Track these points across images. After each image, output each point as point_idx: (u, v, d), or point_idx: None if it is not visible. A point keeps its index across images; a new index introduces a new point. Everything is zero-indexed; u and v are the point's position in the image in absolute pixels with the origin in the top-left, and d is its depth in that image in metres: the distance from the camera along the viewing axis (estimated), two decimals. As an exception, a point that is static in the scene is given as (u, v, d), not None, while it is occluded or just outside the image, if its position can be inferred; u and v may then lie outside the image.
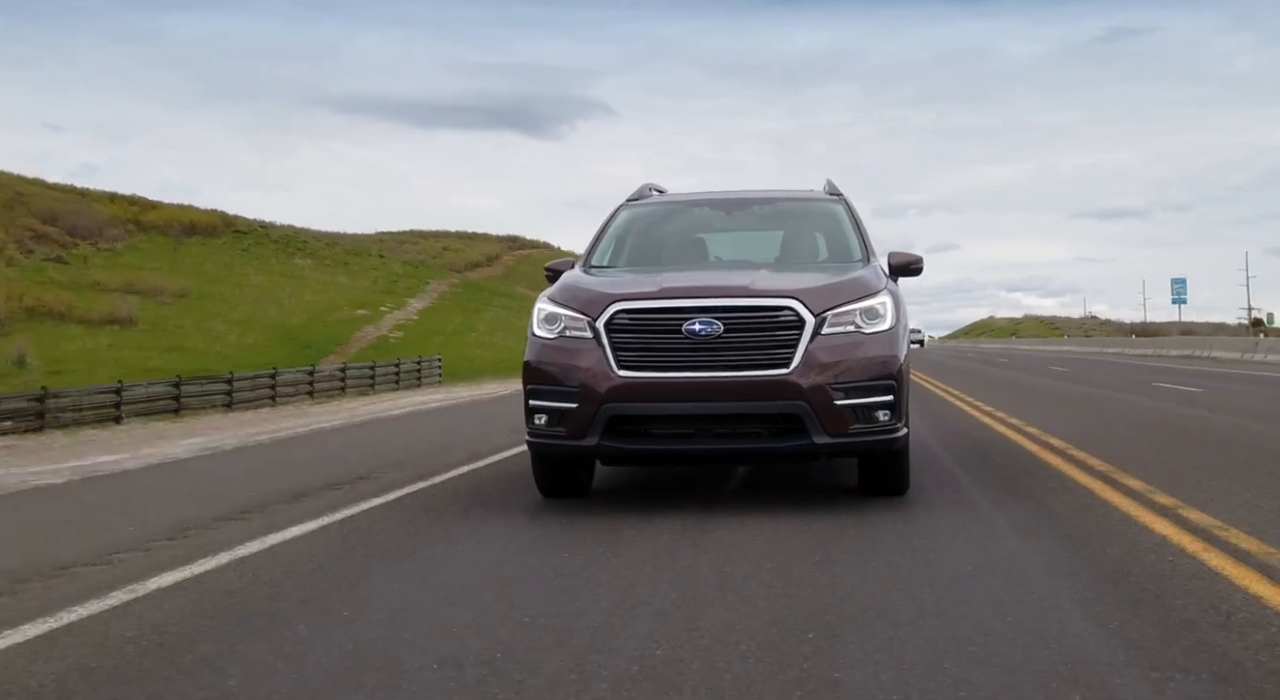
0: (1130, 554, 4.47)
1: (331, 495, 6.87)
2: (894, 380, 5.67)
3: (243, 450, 11.89)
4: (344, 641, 3.47)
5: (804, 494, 6.39)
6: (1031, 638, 3.31)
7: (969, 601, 3.74)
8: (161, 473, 9.64)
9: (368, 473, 7.94)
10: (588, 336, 5.72)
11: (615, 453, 5.76)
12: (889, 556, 4.52)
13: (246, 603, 4.06)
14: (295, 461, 9.84)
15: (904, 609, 3.66)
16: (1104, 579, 4.03)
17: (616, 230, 7.18)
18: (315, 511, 6.20)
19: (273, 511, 6.28)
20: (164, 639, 3.60)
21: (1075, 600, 3.74)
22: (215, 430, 16.74)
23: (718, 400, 5.54)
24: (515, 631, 3.53)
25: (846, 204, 7.24)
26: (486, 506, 6.22)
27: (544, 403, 5.79)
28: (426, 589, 4.19)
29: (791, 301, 5.62)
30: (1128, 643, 3.24)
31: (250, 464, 10.05)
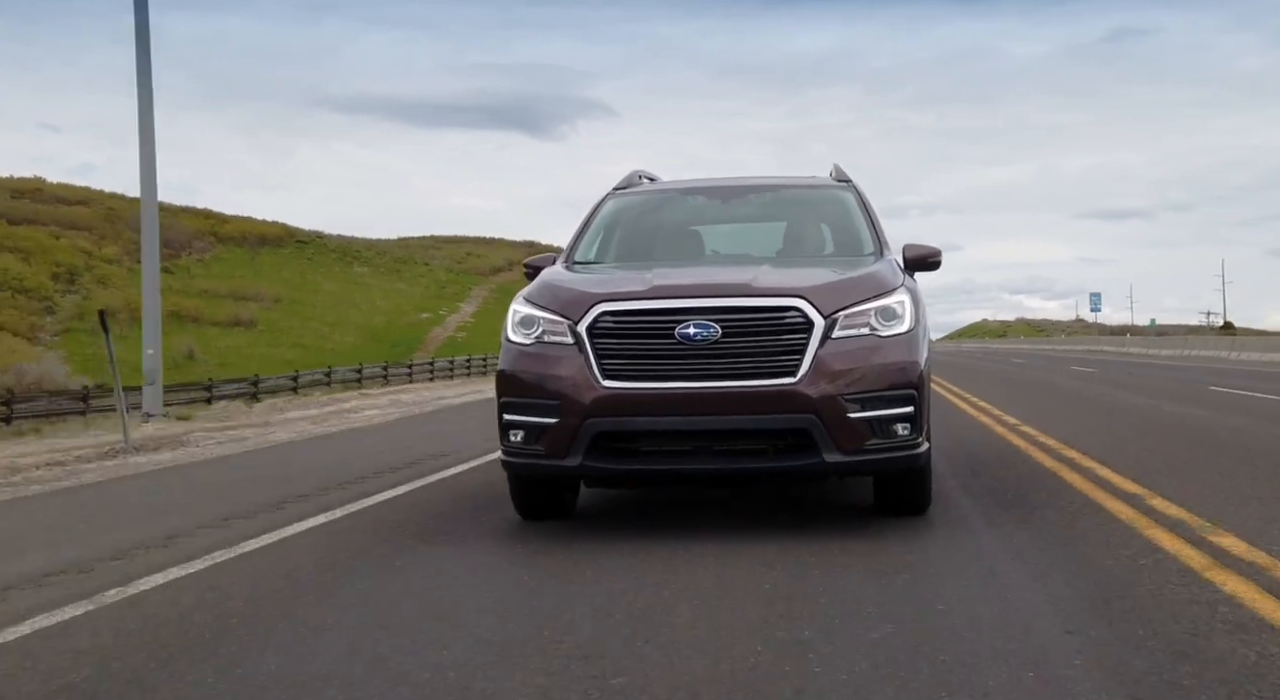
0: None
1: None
2: (914, 389, 5.03)
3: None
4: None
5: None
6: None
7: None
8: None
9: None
10: (568, 342, 5.07)
11: (601, 474, 5.12)
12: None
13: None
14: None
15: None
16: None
17: (602, 222, 6.52)
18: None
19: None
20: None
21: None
22: (402, 395, 24.72)
23: (716, 414, 4.90)
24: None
25: (856, 191, 6.57)
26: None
27: (520, 417, 5.14)
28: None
29: (798, 301, 4.98)
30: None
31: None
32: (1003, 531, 5.12)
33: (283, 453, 10.86)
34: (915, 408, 5.02)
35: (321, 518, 6.06)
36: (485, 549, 5.09)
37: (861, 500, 5.92)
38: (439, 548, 5.13)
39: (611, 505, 6.20)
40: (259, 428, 14.83)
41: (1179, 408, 12.99)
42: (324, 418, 16.84)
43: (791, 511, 5.86)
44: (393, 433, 13.06)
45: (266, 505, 6.57)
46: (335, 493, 7.01)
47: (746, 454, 5.01)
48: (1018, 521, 5.37)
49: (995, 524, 5.32)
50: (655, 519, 5.79)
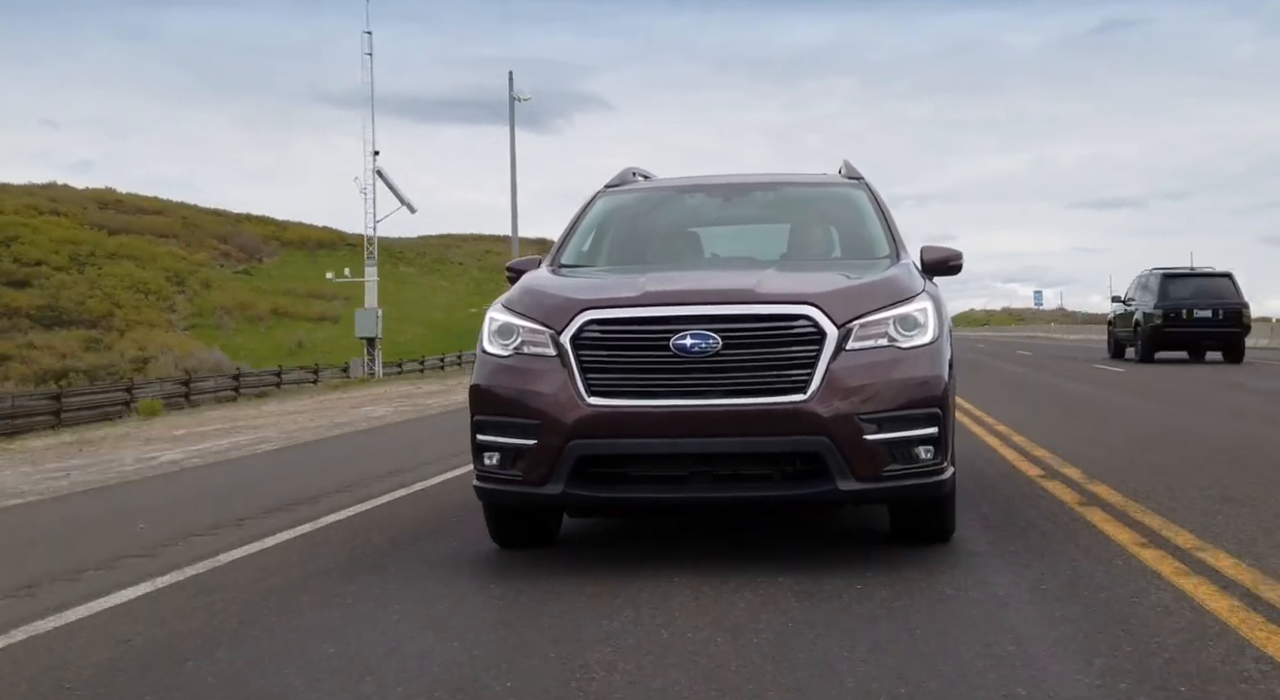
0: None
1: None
2: (938, 408, 4.49)
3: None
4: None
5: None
6: None
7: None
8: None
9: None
10: (550, 354, 4.52)
11: (585, 503, 4.57)
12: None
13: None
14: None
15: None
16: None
17: (592, 222, 5.96)
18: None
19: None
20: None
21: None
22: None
23: (716, 435, 4.35)
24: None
25: (869, 189, 6.02)
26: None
27: (495, 438, 4.59)
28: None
29: (808, 308, 4.43)
30: None
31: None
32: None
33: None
34: (940, 429, 4.47)
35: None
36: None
37: (877, 524, 5.36)
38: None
39: (598, 528, 5.65)
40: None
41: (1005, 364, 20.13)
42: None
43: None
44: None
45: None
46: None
47: (750, 480, 4.47)
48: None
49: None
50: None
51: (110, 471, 9.76)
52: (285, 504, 6.86)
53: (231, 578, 4.83)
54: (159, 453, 11.45)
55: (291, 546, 5.51)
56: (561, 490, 4.43)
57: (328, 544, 5.53)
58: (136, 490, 8.45)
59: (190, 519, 6.52)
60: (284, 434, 13.22)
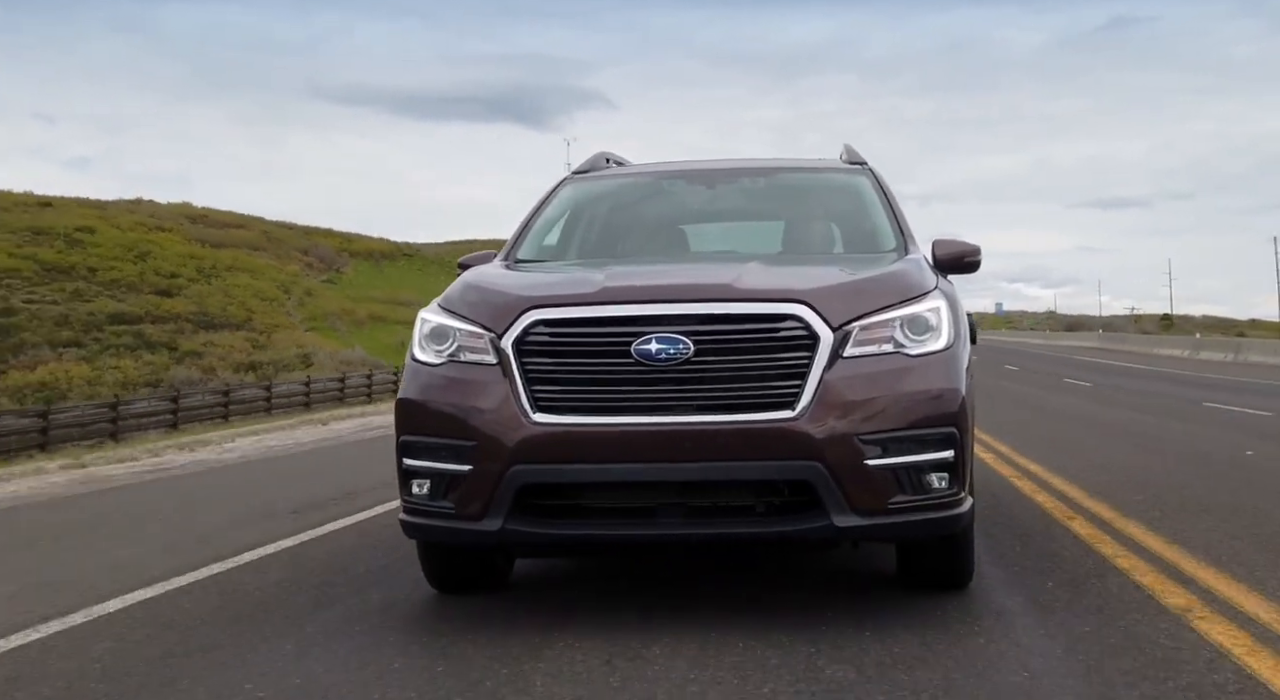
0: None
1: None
2: (954, 427, 3.74)
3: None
4: None
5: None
6: None
7: None
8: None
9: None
10: (490, 362, 3.79)
11: (530, 541, 3.81)
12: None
13: None
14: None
15: None
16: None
17: (556, 213, 5.22)
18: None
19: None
20: None
21: None
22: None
23: (687, 459, 3.61)
24: None
25: (873, 175, 5.26)
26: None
27: (424, 462, 3.85)
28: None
29: (798, 307, 3.69)
30: None
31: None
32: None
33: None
34: (956, 452, 3.72)
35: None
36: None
37: (882, 567, 4.60)
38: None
39: (562, 567, 4.89)
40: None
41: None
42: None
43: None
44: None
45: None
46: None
47: (728, 513, 3.72)
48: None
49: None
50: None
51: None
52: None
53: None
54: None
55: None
56: (501, 525, 3.68)
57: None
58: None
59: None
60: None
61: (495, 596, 4.33)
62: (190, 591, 4.69)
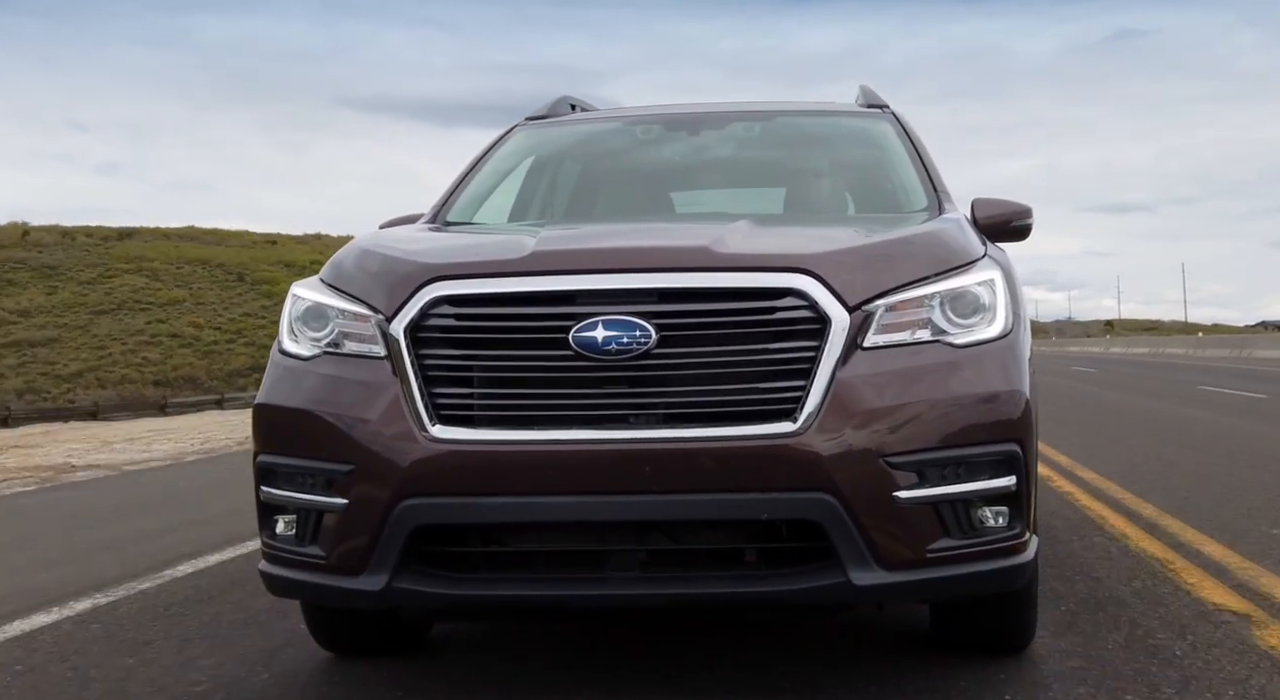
0: None
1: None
2: (1016, 443, 2.70)
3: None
4: None
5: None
6: None
7: None
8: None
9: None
10: (376, 354, 2.75)
11: (429, 604, 2.76)
12: None
13: None
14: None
15: None
16: None
17: (500, 165, 4.16)
18: None
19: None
20: None
21: None
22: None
23: (647, 491, 2.57)
24: None
25: (896, 120, 4.18)
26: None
27: (285, 492, 2.81)
28: None
29: (799, 279, 2.65)
30: None
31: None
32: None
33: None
34: (1019, 478, 2.69)
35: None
36: None
37: (912, 620, 3.56)
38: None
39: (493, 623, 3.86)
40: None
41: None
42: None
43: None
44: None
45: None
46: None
47: (704, 565, 2.69)
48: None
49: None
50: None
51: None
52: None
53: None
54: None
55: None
56: (386, 583, 2.65)
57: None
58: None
59: None
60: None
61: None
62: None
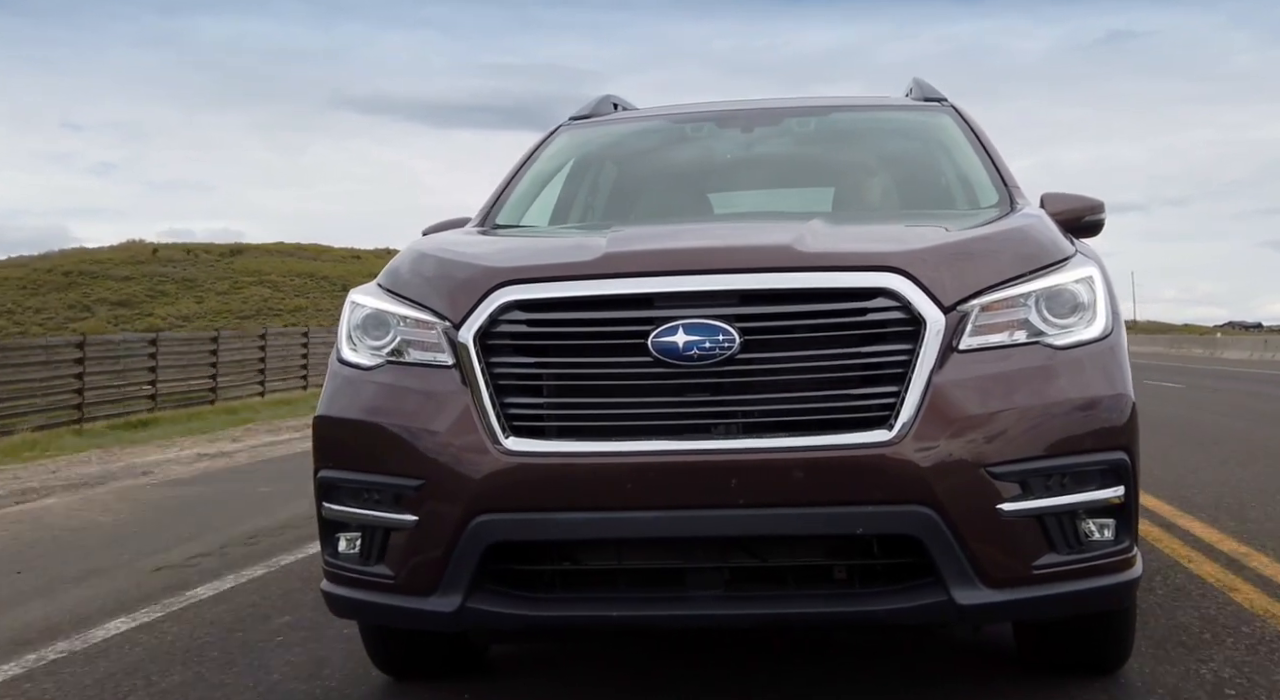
0: None
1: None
2: (1123, 451, 2.56)
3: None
4: None
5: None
6: None
7: None
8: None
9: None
10: (444, 363, 2.62)
11: (505, 626, 2.62)
12: None
13: None
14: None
15: None
16: None
17: (547, 167, 4.04)
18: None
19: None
20: None
21: None
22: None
23: (732, 504, 2.43)
24: None
25: (956, 113, 4.03)
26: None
27: (350, 509, 2.68)
28: None
29: (891, 278, 2.51)
30: None
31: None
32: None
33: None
34: (1126, 488, 2.54)
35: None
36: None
37: (995, 636, 3.40)
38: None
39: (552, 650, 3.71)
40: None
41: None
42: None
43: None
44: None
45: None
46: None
47: (792, 584, 2.55)
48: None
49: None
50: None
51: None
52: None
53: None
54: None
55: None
56: (460, 604, 2.51)
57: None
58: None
59: None
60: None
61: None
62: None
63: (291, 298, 48.89)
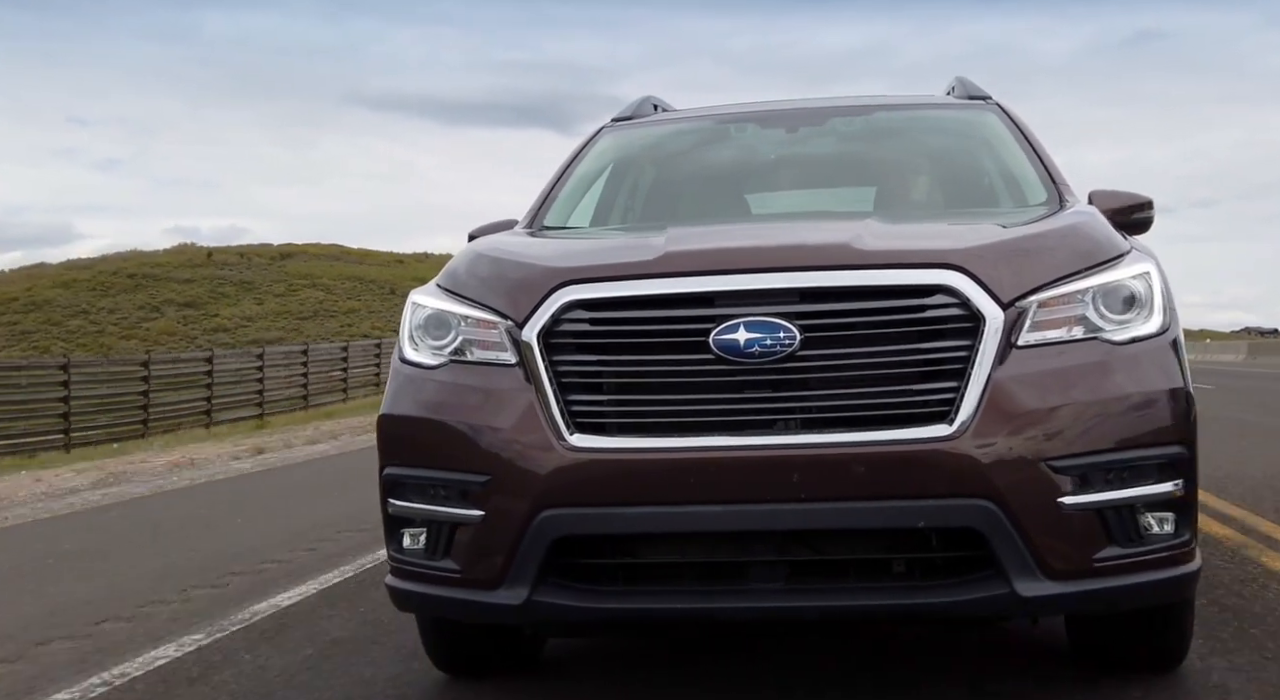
0: None
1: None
2: (1182, 445, 2.58)
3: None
4: None
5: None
6: None
7: None
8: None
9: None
10: (507, 362, 2.67)
11: (571, 618, 2.67)
12: None
13: None
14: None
15: None
16: None
17: (592, 168, 4.07)
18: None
19: None
20: None
21: None
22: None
23: (793, 499, 2.46)
24: None
25: (1002, 111, 4.04)
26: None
27: (416, 505, 2.73)
28: None
29: (950, 275, 2.54)
30: None
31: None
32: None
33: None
34: (1185, 482, 2.56)
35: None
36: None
37: (1045, 636, 3.41)
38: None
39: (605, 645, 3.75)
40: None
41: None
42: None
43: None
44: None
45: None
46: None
47: (853, 577, 2.58)
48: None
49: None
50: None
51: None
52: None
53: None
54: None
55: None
56: (526, 597, 2.55)
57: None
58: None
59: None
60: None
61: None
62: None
63: (344, 300, 51.00)
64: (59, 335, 42.89)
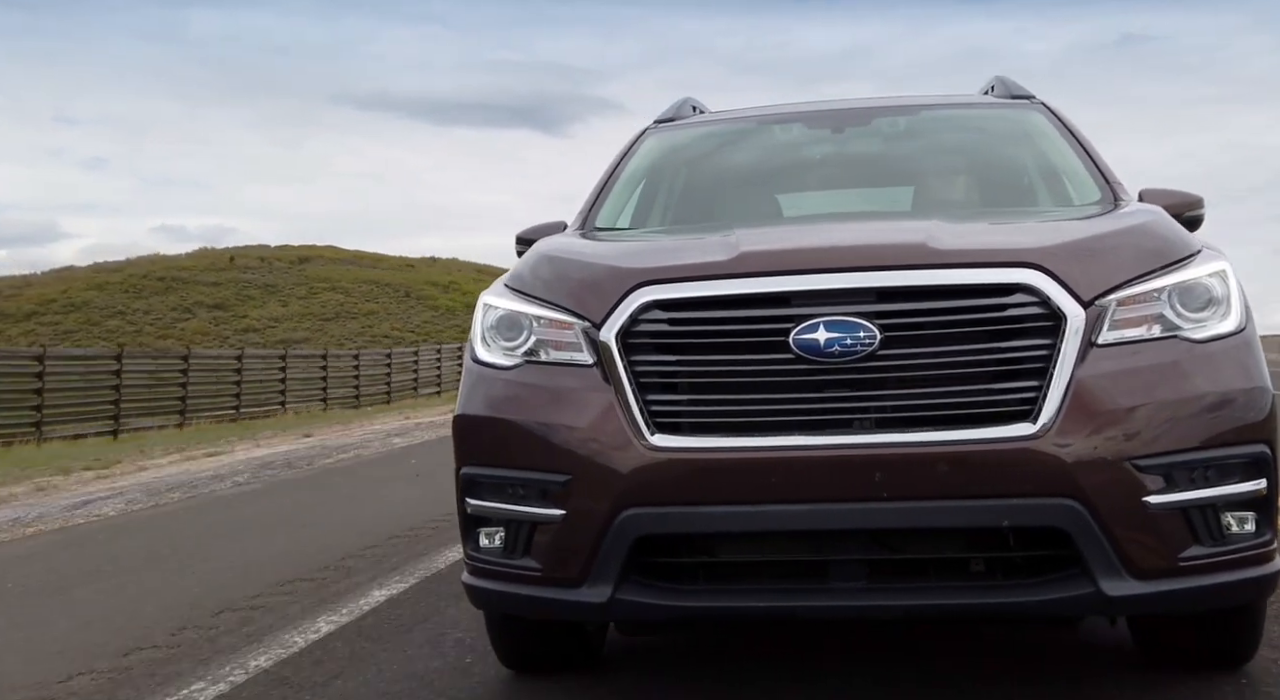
0: None
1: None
2: (1265, 444, 2.57)
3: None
4: None
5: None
6: None
7: None
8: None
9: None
10: (584, 362, 2.67)
11: (653, 616, 2.68)
12: None
13: None
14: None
15: None
16: None
17: (638, 170, 4.06)
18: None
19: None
20: None
21: None
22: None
23: (873, 498, 2.47)
24: None
25: (1048, 110, 4.04)
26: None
27: (494, 504, 2.73)
28: None
29: (1029, 274, 2.54)
30: None
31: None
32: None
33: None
34: (1269, 480, 2.56)
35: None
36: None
37: (1101, 631, 3.41)
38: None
39: (665, 642, 3.76)
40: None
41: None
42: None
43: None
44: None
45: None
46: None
47: (935, 576, 2.58)
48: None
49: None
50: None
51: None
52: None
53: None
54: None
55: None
56: (610, 596, 2.56)
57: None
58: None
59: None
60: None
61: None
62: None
63: (363, 303, 53.05)
64: (100, 335, 43.89)
